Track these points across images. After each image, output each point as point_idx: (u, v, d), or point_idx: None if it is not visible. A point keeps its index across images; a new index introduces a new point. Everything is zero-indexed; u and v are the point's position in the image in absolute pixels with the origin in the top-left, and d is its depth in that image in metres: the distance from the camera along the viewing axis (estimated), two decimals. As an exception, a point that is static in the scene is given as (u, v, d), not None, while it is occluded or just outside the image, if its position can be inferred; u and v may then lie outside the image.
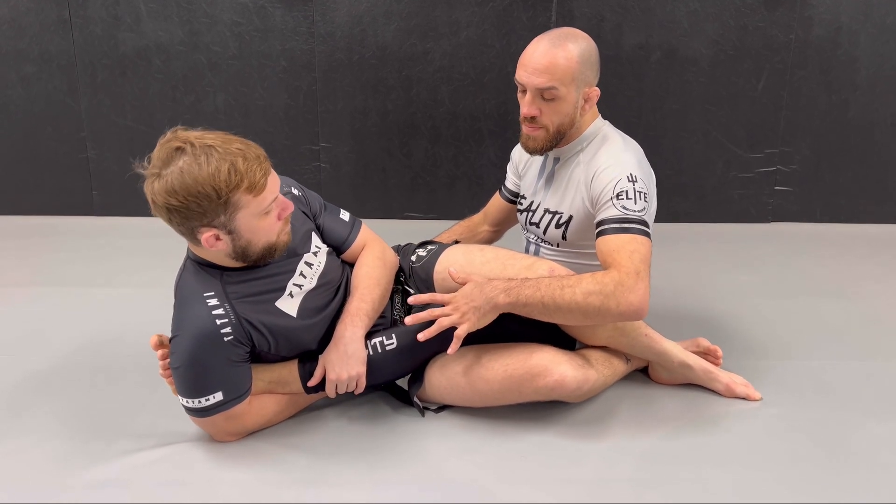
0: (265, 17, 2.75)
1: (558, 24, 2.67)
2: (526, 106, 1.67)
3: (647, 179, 1.66)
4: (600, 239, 1.60)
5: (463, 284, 1.57)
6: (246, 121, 2.86)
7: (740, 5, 2.71)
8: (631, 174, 1.62)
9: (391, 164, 2.93)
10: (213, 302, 1.44)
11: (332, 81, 2.83)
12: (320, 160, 2.93)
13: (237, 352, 1.45)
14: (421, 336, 1.52)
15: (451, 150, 2.90)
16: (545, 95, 1.64)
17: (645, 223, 1.59)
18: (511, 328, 1.61)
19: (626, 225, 1.58)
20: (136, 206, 2.93)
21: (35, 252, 2.65)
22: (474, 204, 2.14)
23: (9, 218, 2.97)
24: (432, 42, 2.76)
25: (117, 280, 2.42)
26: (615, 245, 1.57)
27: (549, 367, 1.53)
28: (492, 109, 2.83)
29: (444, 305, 1.55)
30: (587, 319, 1.53)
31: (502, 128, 2.85)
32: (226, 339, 1.43)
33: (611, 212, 1.60)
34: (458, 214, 2.15)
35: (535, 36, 1.67)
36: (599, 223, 1.62)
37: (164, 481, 1.42)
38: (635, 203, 1.60)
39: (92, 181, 2.97)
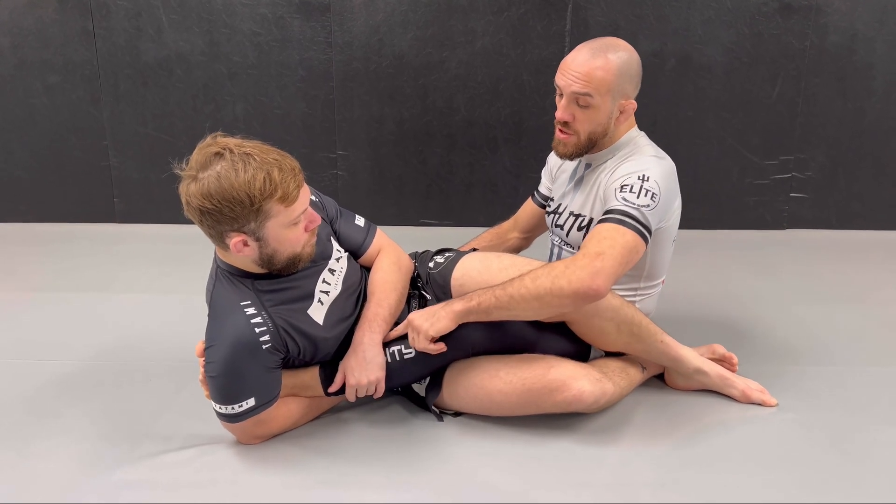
0: (284, 28, 2.80)
1: (573, 34, 2.69)
2: (561, 110, 1.69)
3: (664, 187, 1.62)
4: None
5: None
6: (264, 129, 2.90)
7: (755, 13, 2.72)
8: (644, 174, 1.61)
9: (407, 172, 2.96)
10: (251, 311, 1.47)
11: (349, 90, 2.87)
12: (337, 168, 2.97)
13: (273, 359, 1.48)
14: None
15: (466, 158, 2.92)
16: (580, 102, 1.65)
17: (640, 220, 1.55)
18: (528, 338, 1.64)
19: (618, 217, 1.55)
20: (156, 213, 2.99)
21: (58, 258, 2.69)
22: (489, 211, 2.16)
23: (32, 225, 3.03)
24: (448, 51, 2.79)
25: (138, 286, 2.46)
26: (594, 232, 1.55)
27: (567, 382, 1.54)
28: (507, 117, 2.85)
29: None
30: (544, 305, 1.50)
31: (517, 135, 2.87)
32: (264, 346, 1.45)
33: (611, 203, 1.59)
34: (473, 221, 2.16)
35: (551, 45, 1.69)
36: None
37: (189, 483, 1.45)
38: (637, 197, 1.57)
39: (113, 189, 3.02)
